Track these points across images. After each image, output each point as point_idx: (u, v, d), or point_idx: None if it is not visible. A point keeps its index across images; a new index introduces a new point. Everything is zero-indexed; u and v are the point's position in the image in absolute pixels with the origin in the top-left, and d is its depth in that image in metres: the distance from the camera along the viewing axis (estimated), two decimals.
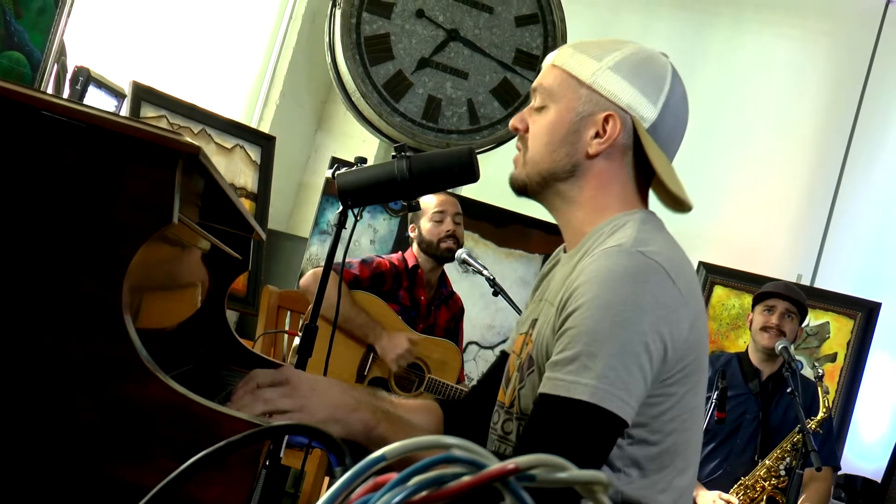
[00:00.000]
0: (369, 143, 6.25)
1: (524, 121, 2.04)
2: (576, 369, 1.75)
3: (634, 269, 1.79)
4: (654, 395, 1.82)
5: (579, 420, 1.74)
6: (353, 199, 2.15)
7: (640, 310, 1.77)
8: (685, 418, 1.89)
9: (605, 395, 1.73)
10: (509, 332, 5.71)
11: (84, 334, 1.47)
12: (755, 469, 4.24)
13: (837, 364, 5.41)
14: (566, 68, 1.98)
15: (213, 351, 2.72)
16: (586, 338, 1.77)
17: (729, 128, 6.07)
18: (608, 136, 1.94)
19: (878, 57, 5.90)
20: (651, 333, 1.77)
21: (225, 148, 5.37)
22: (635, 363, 1.75)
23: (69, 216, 1.48)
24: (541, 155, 1.99)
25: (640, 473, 1.86)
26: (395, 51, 5.59)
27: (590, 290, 1.79)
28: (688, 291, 1.84)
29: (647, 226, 1.92)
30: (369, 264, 4.48)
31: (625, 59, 1.96)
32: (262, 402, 1.75)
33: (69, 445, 1.45)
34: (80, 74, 4.11)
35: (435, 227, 4.52)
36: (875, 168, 5.84)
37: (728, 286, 5.64)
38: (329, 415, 1.78)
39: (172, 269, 2.23)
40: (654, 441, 1.85)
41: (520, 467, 0.68)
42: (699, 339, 1.87)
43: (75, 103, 1.50)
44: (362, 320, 4.33)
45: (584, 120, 1.95)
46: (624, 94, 1.94)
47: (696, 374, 1.88)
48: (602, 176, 1.97)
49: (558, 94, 1.98)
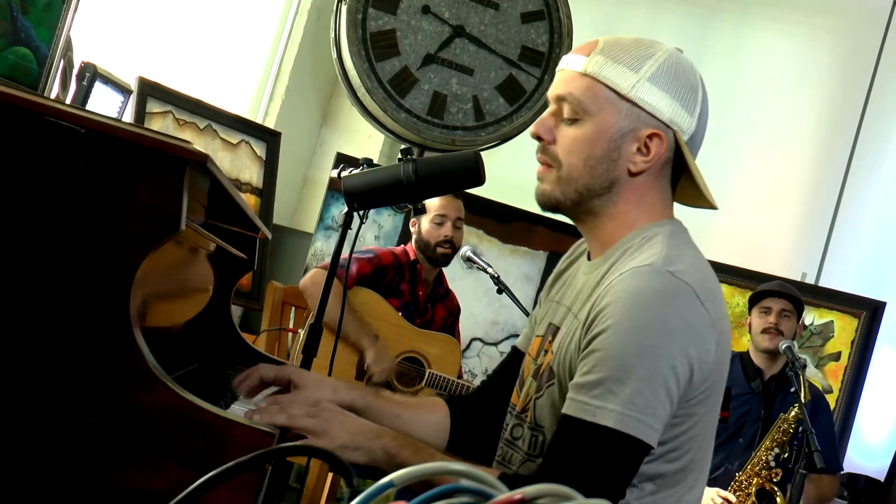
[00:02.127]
0: (374, 139, 6.25)
1: (550, 131, 1.94)
2: (602, 394, 1.74)
3: (664, 291, 1.77)
4: (677, 416, 1.81)
5: (604, 446, 1.73)
6: (360, 202, 2.15)
7: (669, 333, 1.75)
8: (703, 437, 1.88)
9: (632, 421, 1.72)
10: (513, 328, 5.72)
11: (92, 341, 1.47)
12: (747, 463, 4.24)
13: (841, 363, 5.40)
14: (601, 79, 1.88)
15: (218, 350, 2.72)
16: (614, 363, 1.74)
17: (734, 125, 6.05)
18: (654, 155, 1.89)
19: (884, 54, 5.88)
20: (679, 357, 1.75)
21: (230, 143, 5.37)
22: (662, 387, 1.74)
23: (77, 223, 1.49)
24: (579, 171, 1.91)
25: (653, 488, 1.85)
26: (401, 47, 5.58)
27: (618, 312, 1.76)
28: (715, 312, 1.82)
29: (675, 241, 1.89)
30: (371, 259, 4.47)
31: (660, 67, 1.88)
32: (285, 416, 1.74)
33: (77, 452, 1.46)
34: (86, 70, 4.10)
35: (434, 229, 4.52)
36: (881, 166, 5.83)
37: (732, 284, 5.64)
38: (350, 440, 1.76)
39: (178, 268, 2.23)
40: (672, 458, 1.85)
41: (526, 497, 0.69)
42: (723, 360, 1.86)
43: (83, 110, 1.50)
44: (355, 327, 4.32)
45: (626, 136, 1.88)
46: (666, 109, 1.88)
47: (716, 393, 1.87)
48: (638, 190, 1.93)
49: (595, 107, 1.89)
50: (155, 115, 4.98)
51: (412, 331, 4.49)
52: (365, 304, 4.38)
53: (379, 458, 1.77)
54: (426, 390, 4.45)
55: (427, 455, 1.80)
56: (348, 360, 4.38)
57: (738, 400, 4.40)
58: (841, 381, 5.37)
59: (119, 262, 1.48)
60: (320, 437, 1.72)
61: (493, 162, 6.13)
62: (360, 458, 1.76)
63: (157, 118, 4.99)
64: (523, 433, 1.99)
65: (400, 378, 4.44)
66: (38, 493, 1.45)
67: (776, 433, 4.19)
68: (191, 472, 1.46)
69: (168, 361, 2.29)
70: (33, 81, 3.87)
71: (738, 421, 4.39)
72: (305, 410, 1.77)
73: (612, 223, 1.95)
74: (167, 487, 1.43)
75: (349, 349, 4.37)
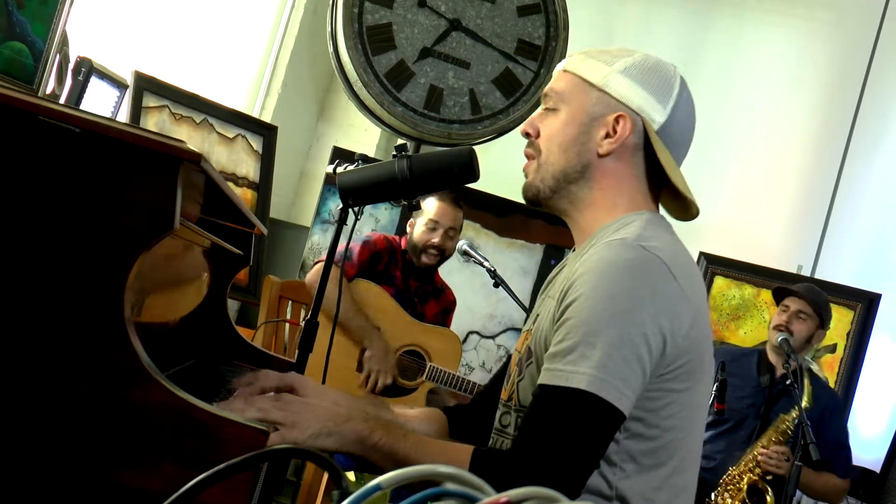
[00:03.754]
0: (371, 133, 6.25)
1: (535, 126, 2.07)
2: (574, 359, 1.78)
3: (635, 262, 1.82)
4: (653, 390, 1.84)
5: (577, 409, 1.76)
6: (354, 199, 2.16)
7: (640, 301, 1.79)
8: (683, 416, 1.90)
9: (603, 384, 1.75)
10: (510, 321, 5.73)
11: (86, 340, 1.48)
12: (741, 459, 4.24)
13: (837, 355, 5.42)
14: (577, 72, 2.04)
15: (214, 346, 2.73)
16: (585, 328, 1.79)
17: (730, 118, 6.06)
18: (619, 136, 1.98)
19: (879, 47, 5.89)
20: (650, 325, 1.79)
21: (227, 138, 5.37)
22: (633, 354, 1.77)
23: (71, 223, 1.49)
24: (555, 156, 2.02)
25: (635, 468, 1.87)
26: (398, 40, 5.59)
27: (589, 281, 1.82)
28: (689, 288, 1.86)
29: (652, 225, 1.95)
30: (367, 244, 4.46)
31: (634, 63, 2.01)
32: (255, 410, 1.75)
33: (72, 450, 1.46)
34: (82, 65, 4.11)
35: (425, 234, 4.49)
36: (876, 159, 5.84)
37: (728, 276, 5.65)
38: (321, 427, 1.75)
39: (174, 264, 2.24)
40: (650, 436, 1.87)
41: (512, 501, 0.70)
42: (701, 338, 1.89)
43: (77, 110, 1.51)
44: (359, 323, 4.32)
45: (596, 121, 2.00)
46: (634, 97, 1.99)
47: (697, 374, 1.89)
48: (612, 176, 2.01)
49: (569, 97, 2.03)
50: (151, 110, 4.98)
51: (414, 324, 4.49)
52: (366, 297, 4.39)
53: (351, 441, 1.77)
54: (427, 384, 4.46)
55: (399, 435, 1.80)
56: (349, 353, 4.38)
57: (745, 391, 4.41)
58: (837, 372, 5.39)
59: (113, 261, 1.48)
60: (292, 429, 1.72)
61: (490, 155, 6.15)
62: (332, 444, 1.76)
63: (153, 112, 4.99)
64: (511, 419, 2.02)
65: (401, 372, 4.45)
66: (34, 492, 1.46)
67: (773, 433, 4.19)
68: (186, 470, 1.47)
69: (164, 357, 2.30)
70: (29, 76, 3.87)
71: (743, 413, 4.40)
72: (272, 404, 1.77)
73: (592, 211, 2.02)
74: (163, 485, 1.44)
75: (351, 344, 4.38)
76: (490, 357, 5.74)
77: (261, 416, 1.75)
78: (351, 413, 1.83)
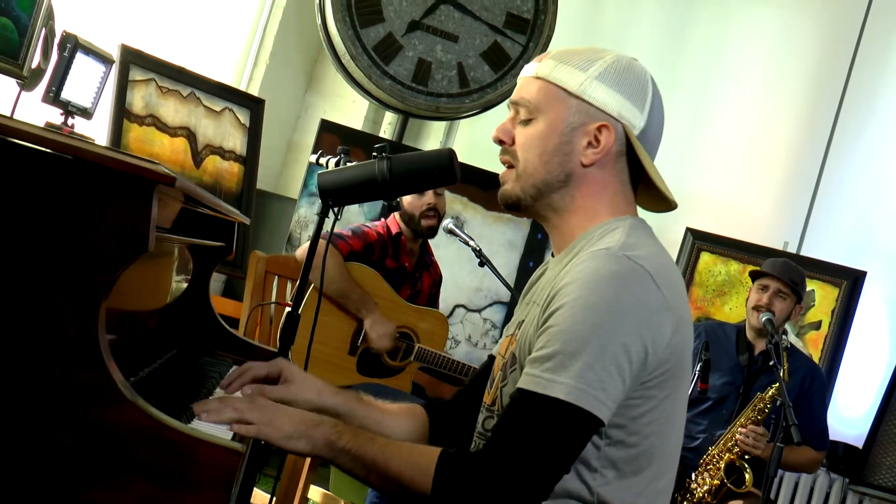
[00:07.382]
0: (359, 105, 6.23)
1: (509, 133, 2.04)
2: (554, 367, 1.79)
3: (619, 272, 1.83)
4: (633, 398, 1.86)
5: (554, 418, 1.78)
6: (334, 199, 2.17)
7: (622, 312, 1.81)
8: (663, 422, 1.92)
9: (582, 394, 1.77)
10: (496, 295, 5.75)
11: (61, 360, 1.49)
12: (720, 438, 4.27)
13: (822, 332, 5.45)
14: (551, 80, 2.00)
15: (197, 335, 2.75)
16: (566, 336, 1.81)
17: (717, 94, 6.05)
18: (603, 146, 1.97)
19: (868, 24, 5.86)
20: (632, 336, 1.81)
21: (214, 111, 5.36)
22: (614, 364, 1.79)
23: (46, 244, 1.50)
24: (534, 166, 2.00)
25: (616, 475, 1.90)
26: (386, 13, 5.57)
27: (574, 291, 1.83)
28: (672, 297, 1.88)
29: (636, 232, 1.96)
30: (360, 235, 4.49)
31: (608, 68, 1.99)
32: (231, 410, 1.82)
33: (44, 469, 1.48)
34: (67, 41, 4.08)
35: (416, 198, 4.50)
36: (863, 136, 5.84)
37: (714, 252, 5.66)
38: (294, 430, 1.84)
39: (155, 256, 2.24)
40: (631, 443, 1.89)
41: None
42: (682, 346, 1.91)
43: (52, 132, 1.51)
44: (357, 295, 4.36)
45: (576, 130, 1.97)
46: (613, 103, 1.97)
47: (676, 380, 1.91)
48: (595, 184, 2.00)
49: (545, 106, 1.99)
50: (138, 83, 4.97)
51: (404, 306, 4.53)
52: (361, 279, 4.41)
53: (321, 446, 1.85)
54: (414, 363, 4.50)
55: (366, 439, 1.87)
56: (344, 330, 4.41)
57: (724, 369, 4.43)
58: (821, 349, 5.42)
59: (87, 282, 1.49)
60: (268, 427, 1.82)
61: (478, 129, 6.15)
62: (304, 447, 1.85)
63: (140, 86, 4.98)
64: (494, 424, 2.03)
65: (390, 352, 4.49)
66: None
67: (751, 412, 4.21)
68: (160, 488, 1.48)
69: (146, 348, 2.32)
70: (14, 51, 3.85)
71: (723, 391, 4.42)
72: (247, 406, 1.85)
73: (574, 218, 2.02)
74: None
75: (346, 321, 4.41)
76: (476, 330, 5.76)
77: (237, 417, 1.82)
78: (322, 418, 1.90)
